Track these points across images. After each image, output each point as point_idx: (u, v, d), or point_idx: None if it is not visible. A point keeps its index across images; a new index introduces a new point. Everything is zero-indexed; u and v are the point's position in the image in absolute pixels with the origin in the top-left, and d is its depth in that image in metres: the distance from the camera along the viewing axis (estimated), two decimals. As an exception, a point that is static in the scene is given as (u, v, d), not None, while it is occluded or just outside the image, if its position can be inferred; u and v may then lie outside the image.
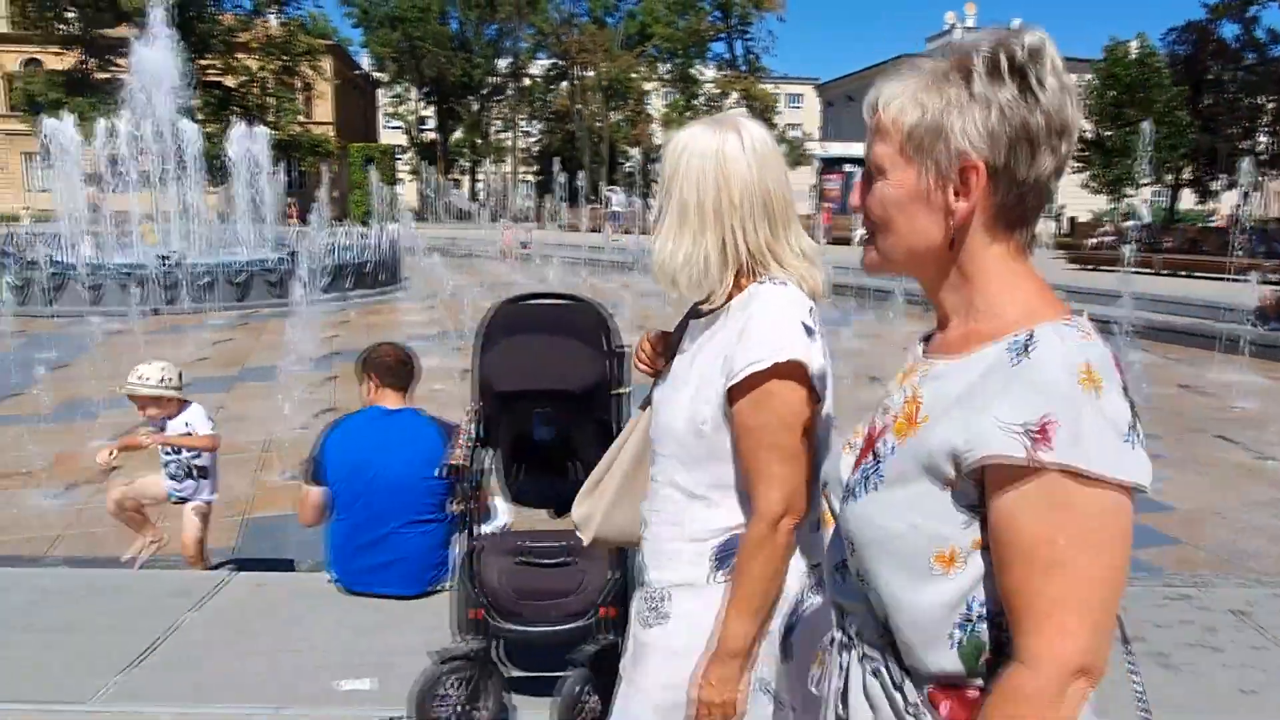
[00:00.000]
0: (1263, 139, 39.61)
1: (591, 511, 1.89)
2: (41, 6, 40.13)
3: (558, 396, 2.73)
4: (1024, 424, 0.95)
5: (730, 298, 1.59)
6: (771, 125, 50.57)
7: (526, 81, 60.10)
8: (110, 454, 4.41)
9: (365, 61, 63.39)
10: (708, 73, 56.28)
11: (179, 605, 3.56)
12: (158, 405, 4.44)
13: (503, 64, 58.65)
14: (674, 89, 55.25)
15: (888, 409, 1.16)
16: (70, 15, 40.48)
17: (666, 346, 1.77)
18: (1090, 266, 23.40)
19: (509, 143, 63.54)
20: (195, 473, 4.62)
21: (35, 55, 49.08)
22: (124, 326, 15.11)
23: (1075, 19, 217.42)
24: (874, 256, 1.17)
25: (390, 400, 3.67)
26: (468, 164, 63.87)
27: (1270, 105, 38.81)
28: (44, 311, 15.45)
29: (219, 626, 3.42)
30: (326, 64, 47.96)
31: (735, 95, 50.48)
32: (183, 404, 4.55)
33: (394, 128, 66.86)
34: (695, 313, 1.67)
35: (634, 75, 56.78)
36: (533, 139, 62.83)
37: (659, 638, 1.65)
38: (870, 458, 1.13)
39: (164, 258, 17.46)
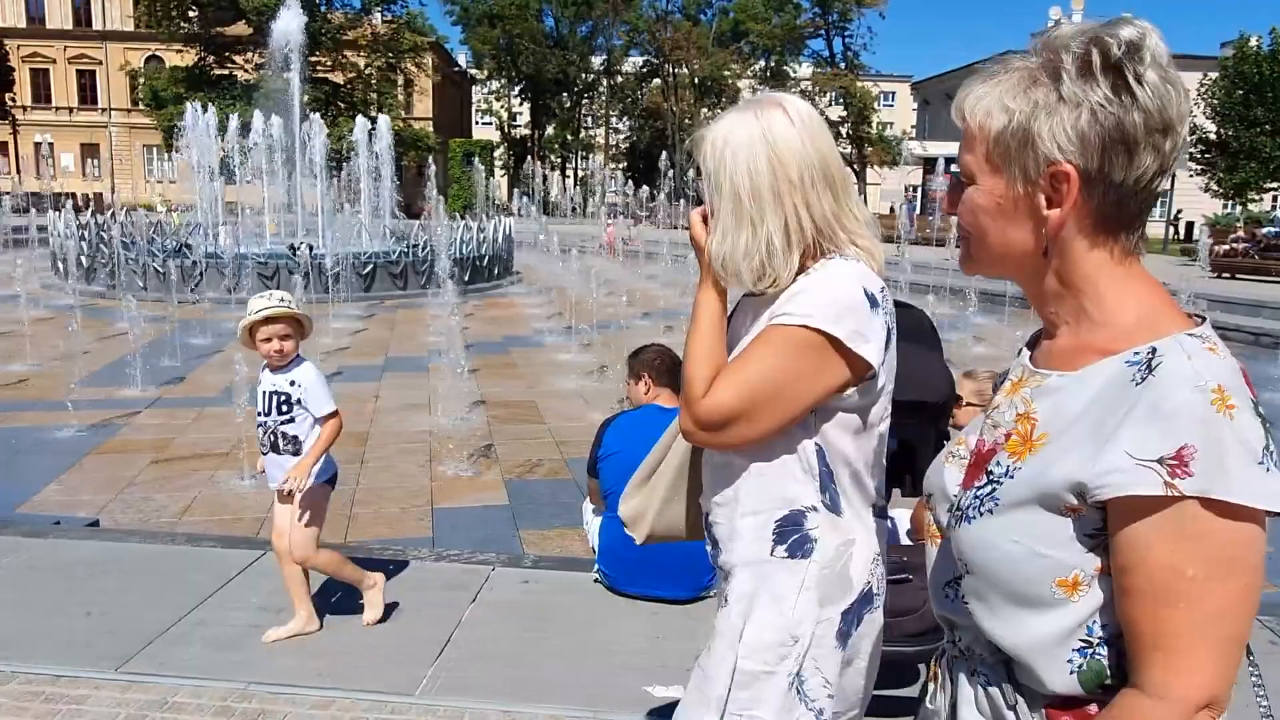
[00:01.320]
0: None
1: (643, 508, 1.83)
2: (166, 6, 41.94)
3: (913, 408, 2.60)
4: (1159, 455, 0.91)
5: (794, 279, 1.52)
6: (869, 123, 49.85)
7: (619, 78, 60.33)
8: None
9: (461, 58, 64.56)
10: (800, 70, 55.53)
11: (456, 599, 3.57)
12: (297, 330, 3.38)
13: (596, 61, 59.00)
14: (768, 86, 54.69)
15: (997, 424, 1.10)
16: (192, 14, 42.18)
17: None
18: (1226, 274, 22.26)
19: (597, 139, 63.87)
20: (283, 442, 3.35)
21: (155, 52, 51.44)
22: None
23: (1192, 14, 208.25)
24: (969, 263, 1.14)
25: (666, 399, 3.61)
26: (557, 159, 64.48)
27: None
28: (189, 298, 16.09)
29: (505, 622, 3.41)
30: (429, 60, 48.97)
31: (832, 93, 49.71)
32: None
33: (485, 124, 67.88)
34: (751, 292, 1.60)
35: (726, 73, 56.45)
36: (621, 135, 63.03)
37: (721, 620, 1.60)
38: (983, 478, 1.08)
39: (293, 248, 18.02)
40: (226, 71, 42.40)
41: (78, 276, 15.95)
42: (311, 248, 18.13)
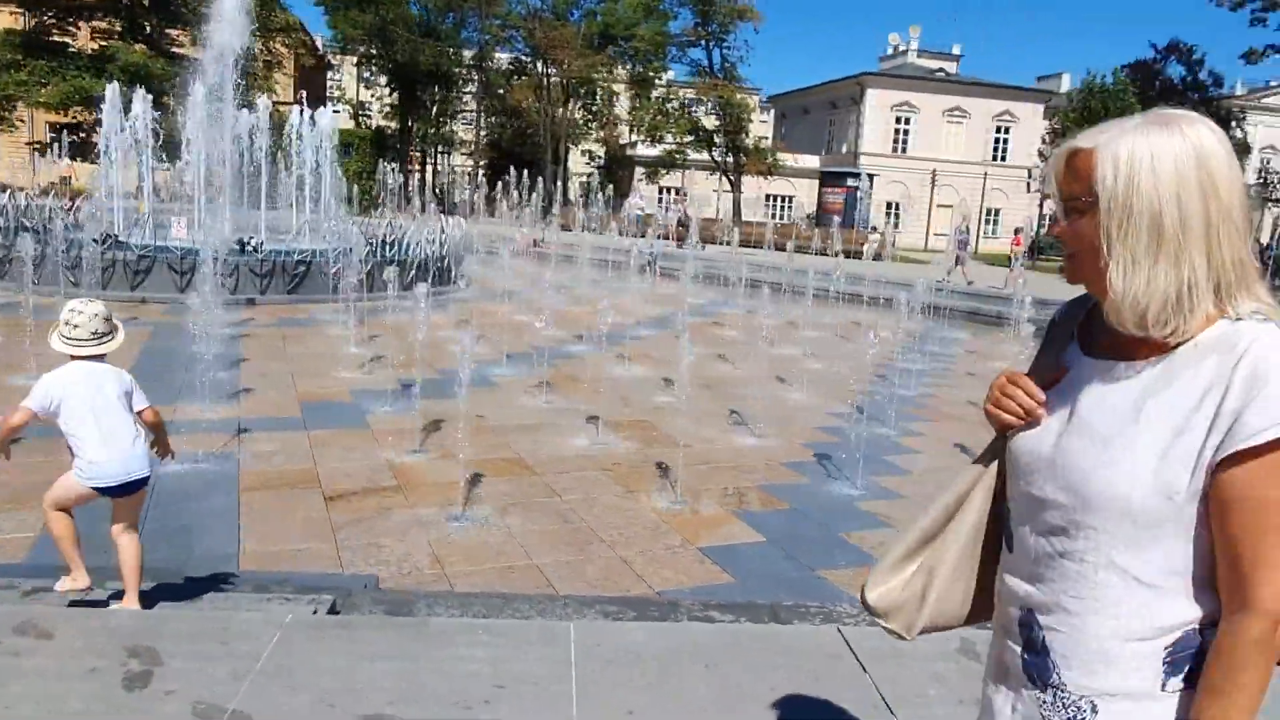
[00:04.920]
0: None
1: (908, 596, 1.57)
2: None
3: None
4: None
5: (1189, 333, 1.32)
6: (745, 133, 51.14)
7: (489, 74, 58.78)
8: None
9: (319, 42, 60.79)
10: (666, 76, 56.25)
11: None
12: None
13: (468, 54, 57.19)
14: (635, 90, 55.16)
15: None
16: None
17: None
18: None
19: (459, 134, 61.90)
20: None
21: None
22: (255, 315, 14.02)
23: (1012, 47, 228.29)
24: None
25: None
26: (416, 152, 61.85)
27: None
28: (133, 296, 14.15)
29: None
30: (300, 41, 45.70)
31: (710, 102, 50.60)
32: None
33: (336, 112, 64.12)
34: (1086, 348, 1.43)
35: (596, 74, 56.26)
36: (484, 132, 61.36)
37: None
38: None
39: (242, 244, 16.31)
40: (68, 39, 37.70)
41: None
42: (260, 245, 16.47)
